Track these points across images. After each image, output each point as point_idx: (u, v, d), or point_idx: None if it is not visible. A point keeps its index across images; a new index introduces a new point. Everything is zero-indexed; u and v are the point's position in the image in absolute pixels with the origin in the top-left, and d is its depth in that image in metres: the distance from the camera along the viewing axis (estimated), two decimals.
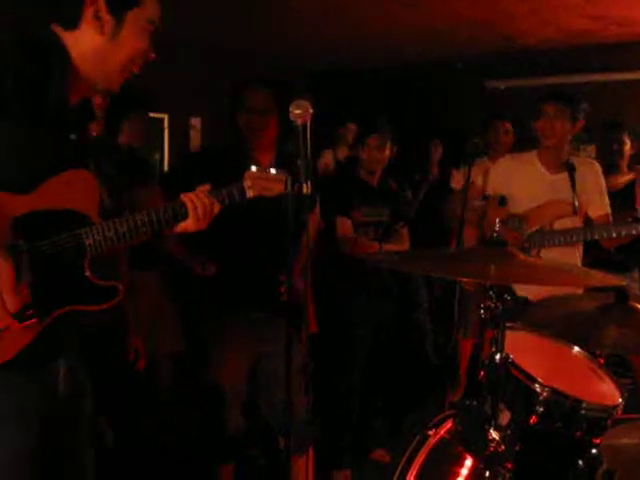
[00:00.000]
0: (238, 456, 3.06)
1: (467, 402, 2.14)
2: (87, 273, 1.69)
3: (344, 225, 3.54)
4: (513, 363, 1.99)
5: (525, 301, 3.01)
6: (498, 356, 1.93)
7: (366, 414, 3.71)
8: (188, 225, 1.86)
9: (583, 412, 1.95)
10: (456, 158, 4.79)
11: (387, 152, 3.66)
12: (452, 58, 5.80)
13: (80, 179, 1.68)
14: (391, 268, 3.38)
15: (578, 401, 1.96)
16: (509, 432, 1.98)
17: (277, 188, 2.00)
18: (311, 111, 1.78)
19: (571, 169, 3.24)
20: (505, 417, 1.99)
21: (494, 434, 1.93)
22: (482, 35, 5.05)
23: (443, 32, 4.98)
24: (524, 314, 2.49)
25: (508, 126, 4.61)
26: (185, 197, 1.86)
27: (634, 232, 3.08)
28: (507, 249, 1.95)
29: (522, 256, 1.96)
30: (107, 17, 1.62)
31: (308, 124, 1.78)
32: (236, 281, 2.83)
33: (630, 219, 3.15)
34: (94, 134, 2.74)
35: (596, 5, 4.24)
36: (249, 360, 2.89)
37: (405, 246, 3.82)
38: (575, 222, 3.28)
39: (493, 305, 1.94)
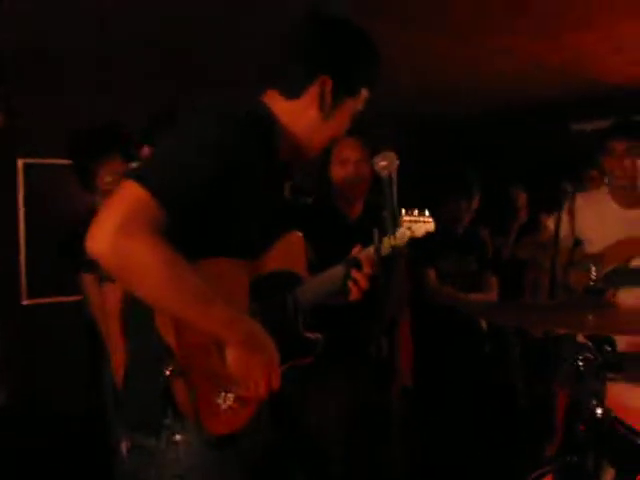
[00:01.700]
0: None
1: (567, 458, 2.05)
2: (301, 329, 1.78)
3: (429, 277, 3.51)
4: (617, 418, 1.90)
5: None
6: (600, 410, 1.85)
7: (460, 467, 3.61)
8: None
9: None
10: (546, 203, 4.70)
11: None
12: (535, 101, 5.73)
13: (294, 240, 1.83)
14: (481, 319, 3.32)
15: None
16: None
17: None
18: (397, 162, 1.77)
19: None
20: (609, 475, 1.90)
21: None
22: (566, 77, 4.97)
23: (525, 75, 4.94)
24: (622, 365, 2.37)
25: (594, 174, 4.50)
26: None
27: None
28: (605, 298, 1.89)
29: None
30: (329, 98, 1.71)
31: (394, 175, 1.77)
32: (331, 333, 2.80)
33: None
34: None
35: None
36: (346, 412, 2.82)
37: (493, 294, 3.74)
38: None
39: (592, 357, 1.87)
